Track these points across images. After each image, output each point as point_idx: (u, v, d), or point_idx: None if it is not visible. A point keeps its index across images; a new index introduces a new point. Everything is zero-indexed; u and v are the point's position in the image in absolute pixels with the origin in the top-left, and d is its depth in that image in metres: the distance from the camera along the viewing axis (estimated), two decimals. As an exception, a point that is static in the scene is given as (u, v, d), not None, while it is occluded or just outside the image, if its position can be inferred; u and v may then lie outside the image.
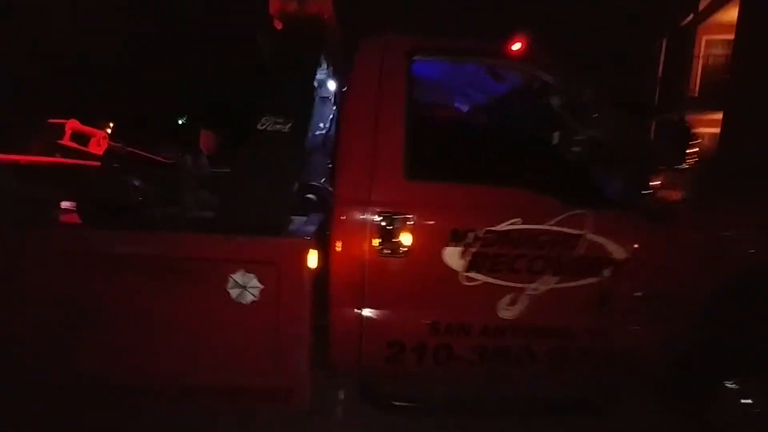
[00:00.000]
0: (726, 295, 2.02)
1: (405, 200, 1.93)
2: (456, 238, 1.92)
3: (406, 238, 1.91)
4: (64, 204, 2.22)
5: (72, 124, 2.93)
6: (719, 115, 12.45)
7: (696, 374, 2.10)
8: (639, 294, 2.00)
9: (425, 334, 1.99)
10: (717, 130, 12.59)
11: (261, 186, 1.98)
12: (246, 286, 1.75)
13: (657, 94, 16.10)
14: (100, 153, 3.03)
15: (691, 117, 12.53)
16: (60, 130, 2.89)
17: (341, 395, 2.47)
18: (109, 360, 1.82)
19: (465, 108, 2.46)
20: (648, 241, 1.97)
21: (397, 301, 1.99)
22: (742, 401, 2.06)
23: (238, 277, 1.74)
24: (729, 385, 2.07)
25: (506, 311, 1.99)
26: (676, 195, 1.77)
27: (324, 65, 2.28)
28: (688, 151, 1.74)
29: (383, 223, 1.90)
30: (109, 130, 3.12)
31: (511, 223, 1.93)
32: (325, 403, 2.38)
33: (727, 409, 2.07)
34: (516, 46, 2.13)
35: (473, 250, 1.92)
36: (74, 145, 2.93)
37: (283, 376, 1.84)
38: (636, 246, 1.96)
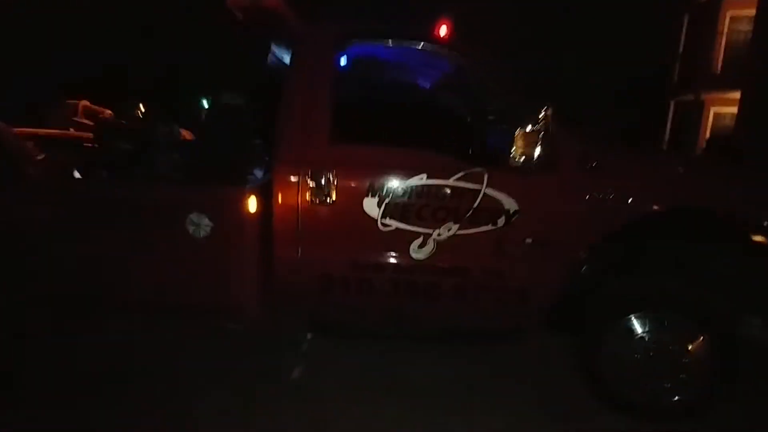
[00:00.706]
0: (608, 242, 2.39)
1: (331, 160, 2.37)
2: (372, 191, 2.35)
3: (331, 191, 2.36)
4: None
5: (84, 103, 3.49)
6: (738, 94, 12.22)
7: (584, 311, 2.48)
8: (529, 240, 2.39)
9: (349, 269, 2.44)
10: (734, 109, 12.37)
11: (223, 147, 2.47)
12: (200, 224, 2.24)
13: (677, 71, 15.75)
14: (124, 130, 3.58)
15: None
16: (74, 107, 3.46)
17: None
18: (109, 277, 2.37)
19: (382, 84, 2.85)
20: (535, 195, 2.35)
21: (326, 242, 2.44)
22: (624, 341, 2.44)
23: (193, 216, 2.24)
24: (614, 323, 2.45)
25: (416, 252, 2.41)
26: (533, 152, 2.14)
27: (278, 49, 2.72)
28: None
29: (312, 179, 2.35)
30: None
31: (419, 178, 2.35)
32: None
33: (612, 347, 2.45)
34: (442, 31, 2.53)
35: (387, 200, 2.35)
36: (85, 120, 3.48)
37: (233, 295, 2.35)
38: (524, 199, 2.35)
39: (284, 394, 2.53)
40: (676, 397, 2.43)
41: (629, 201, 2.36)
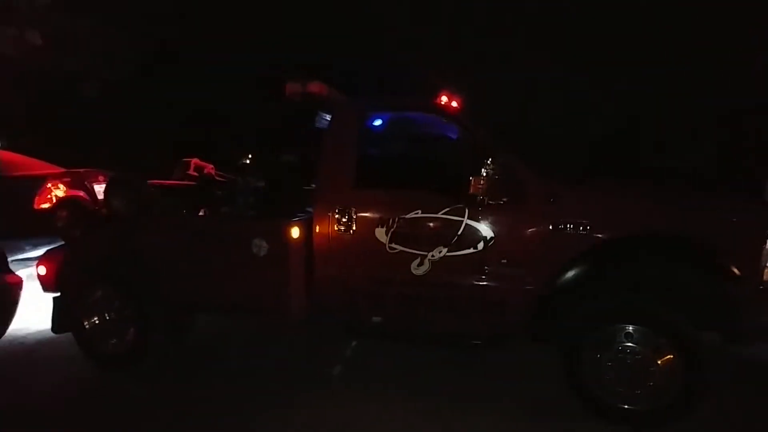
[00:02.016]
0: (575, 263, 2.91)
1: (352, 200, 3.22)
2: (381, 222, 3.15)
3: (352, 223, 3.20)
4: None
5: (194, 160, 4.76)
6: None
7: (558, 323, 2.98)
8: (504, 261, 3.01)
9: (366, 283, 3.23)
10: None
11: (281, 191, 3.46)
12: (260, 246, 3.20)
13: None
14: (219, 182, 4.82)
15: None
16: (187, 164, 4.74)
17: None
18: (205, 287, 3.42)
19: (392, 142, 3.66)
20: (505, 224, 2.98)
21: (349, 262, 3.26)
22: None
23: (256, 241, 3.20)
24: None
25: (416, 270, 3.14)
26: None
27: (323, 119, 3.70)
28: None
29: (339, 214, 3.21)
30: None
31: (415, 213, 3.11)
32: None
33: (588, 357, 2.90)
34: (443, 100, 3.36)
35: (393, 229, 3.13)
36: (195, 173, 4.73)
37: (282, 300, 3.24)
38: (497, 228, 2.99)
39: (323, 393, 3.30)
40: (650, 404, 2.77)
41: (588, 228, 2.89)
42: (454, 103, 3.47)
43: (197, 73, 10.18)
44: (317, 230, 3.28)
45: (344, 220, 3.21)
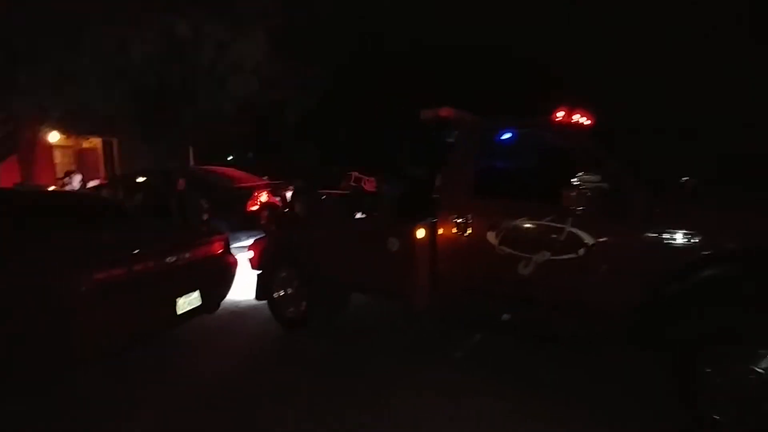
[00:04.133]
0: (679, 275, 2.97)
1: (469, 208, 3.77)
2: (492, 227, 3.63)
3: (468, 228, 3.75)
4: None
5: (354, 173, 5.87)
6: None
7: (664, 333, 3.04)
8: (605, 267, 3.21)
9: (479, 280, 3.75)
10: None
11: (411, 199, 4.23)
12: (394, 243, 3.99)
13: None
14: (369, 190, 5.87)
15: None
16: (350, 176, 5.87)
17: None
18: (354, 272, 4.40)
19: (510, 156, 3.97)
20: (606, 233, 3.18)
21: (465, 261, 3.82)
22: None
23: (391, 239, 4.01)
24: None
25: (522, 270, 3.54)
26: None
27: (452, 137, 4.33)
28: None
29: (459, 220, 3.80)
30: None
31: (522, 219, 3.51)
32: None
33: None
34: (559, 116, 3.72)
35: (502, 234, 3.59)
36: (354, 184, 5.83)
37: (408, 289, 3.98)
38: (599, 236, 3.20)
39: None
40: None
41: (690, 242, 2.92)
42: (576, 118, 3.75)
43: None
44: (440, 232, 3.93)
45: (462, 224, 3.79)
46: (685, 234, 2.95)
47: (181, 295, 3.89)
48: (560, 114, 3.75)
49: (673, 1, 10.45)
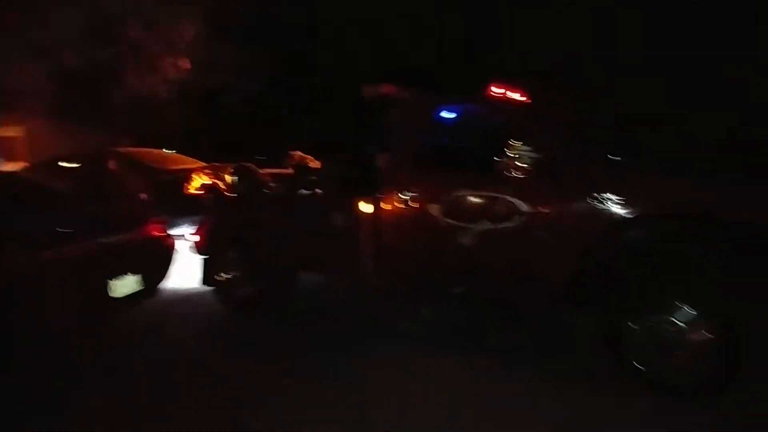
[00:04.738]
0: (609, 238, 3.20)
1: (414, 182, 3.84)
2: (436, 200, 3.73)
3: (412, 201, 3.83)
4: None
5: (297, 152, 5.83)
6: None
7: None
8: (541, 233, 3.40)
9: (424, 253, 3.85)
10: None
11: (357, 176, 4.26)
12: (340, 218, 4.02)
13: None
14: (313, 168, 5.85)
15: None
16: (292, 156, 5.82)
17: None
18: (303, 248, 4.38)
19: (448, 132, 4.11)
20: (542, 200, 3.36)
21: (410, 234, 3.91)
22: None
23: (337, 215, 4.03)
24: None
25: (465, 241, 3.66)
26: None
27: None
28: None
29: (402, 194, 3.86)
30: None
31: (463, 191, 3.64)
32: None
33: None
34: (496, 91, 3.84)
35: (444, 206, 3.70)
36: (299, 163, 5.79)
37: (355, 263, 4.03)
38: (535, 203, 3.38)
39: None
40: (686, 378, 2.93)
41: (620, 204, 3.16)
42: (510, 93, 3.91)
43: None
44: (385, 207, 3.98)
45: (405, 198, 3.86)
46: (611, 200, 3.18)
47: (114, 278, 3.71)
48: (496, 90, 3.89)
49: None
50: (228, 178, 5.09)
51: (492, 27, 10.83)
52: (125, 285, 3.81)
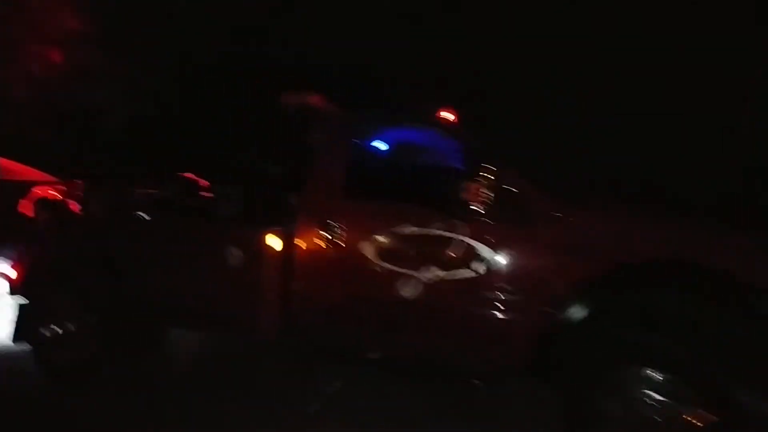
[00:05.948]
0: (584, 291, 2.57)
1: (340, 212, 2.94)
2: (370, 237, 2.86)
3: (338, 237, 2.92)
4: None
5: (188, 175, 4.66)
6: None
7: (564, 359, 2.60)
8: (505, 285, 2.68)
9: (349, 304, 2.90)
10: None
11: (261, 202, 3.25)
12: (236, 256, 2.94)
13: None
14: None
15: None
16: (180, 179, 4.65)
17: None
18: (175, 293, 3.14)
19: (388, 155, 3.44)
20: (507, 245, 2.68)
21: (332, 278, 2.96)
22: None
23: (233, 250, 2.95)
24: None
25: (404, 290, 2.80)
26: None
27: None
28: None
29: (324, 226, 2.94)
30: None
31: (406, 227, 2.83)
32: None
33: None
34: (443, 115, 3.17)
35: (379, 244, 2.84)
36: (185, 182, 4.61)
37: (251, 315, 2.98)
38: (499, 248, 2.68)
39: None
40: None
41: (600, 253, 2.58)
42: (452, 118, 3.29)
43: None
44: (299, 242, 3.01)
45: (329, 232, 2.95)
46: (590, 244, 2.59)
47: None
48: (444, 114, 3.25)
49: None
50: (81, 196, 3.75)
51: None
52: None
